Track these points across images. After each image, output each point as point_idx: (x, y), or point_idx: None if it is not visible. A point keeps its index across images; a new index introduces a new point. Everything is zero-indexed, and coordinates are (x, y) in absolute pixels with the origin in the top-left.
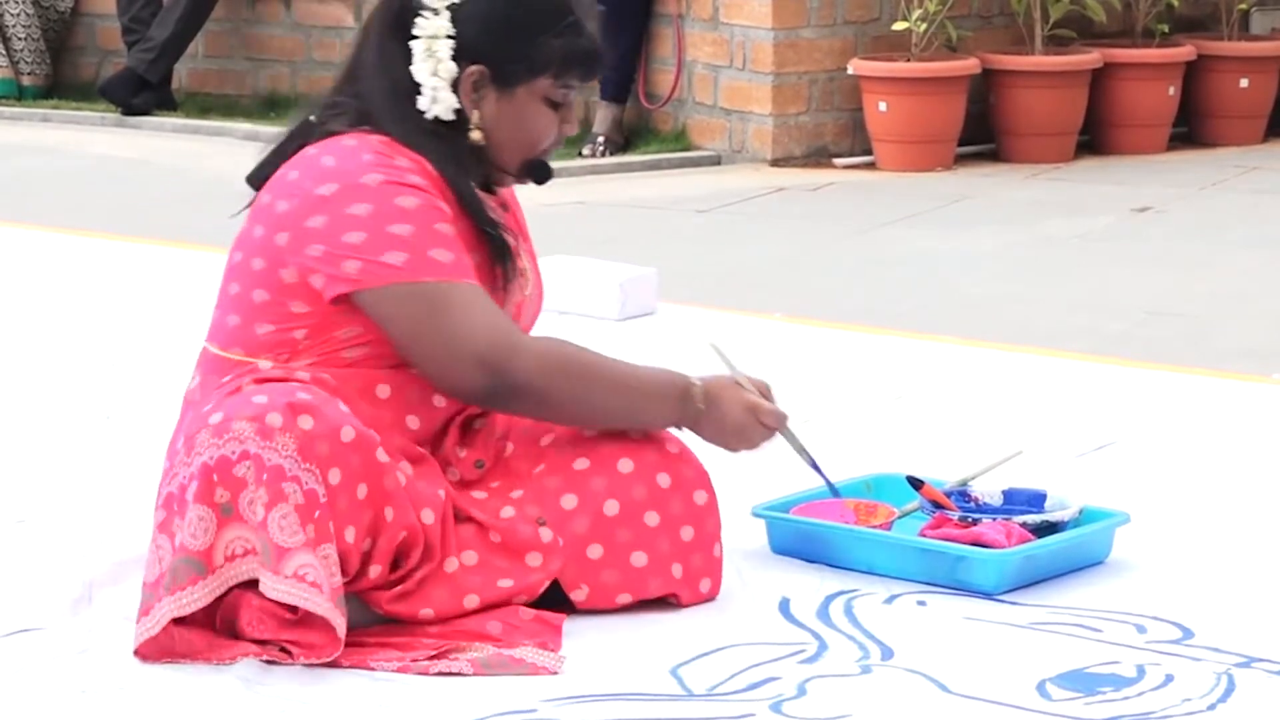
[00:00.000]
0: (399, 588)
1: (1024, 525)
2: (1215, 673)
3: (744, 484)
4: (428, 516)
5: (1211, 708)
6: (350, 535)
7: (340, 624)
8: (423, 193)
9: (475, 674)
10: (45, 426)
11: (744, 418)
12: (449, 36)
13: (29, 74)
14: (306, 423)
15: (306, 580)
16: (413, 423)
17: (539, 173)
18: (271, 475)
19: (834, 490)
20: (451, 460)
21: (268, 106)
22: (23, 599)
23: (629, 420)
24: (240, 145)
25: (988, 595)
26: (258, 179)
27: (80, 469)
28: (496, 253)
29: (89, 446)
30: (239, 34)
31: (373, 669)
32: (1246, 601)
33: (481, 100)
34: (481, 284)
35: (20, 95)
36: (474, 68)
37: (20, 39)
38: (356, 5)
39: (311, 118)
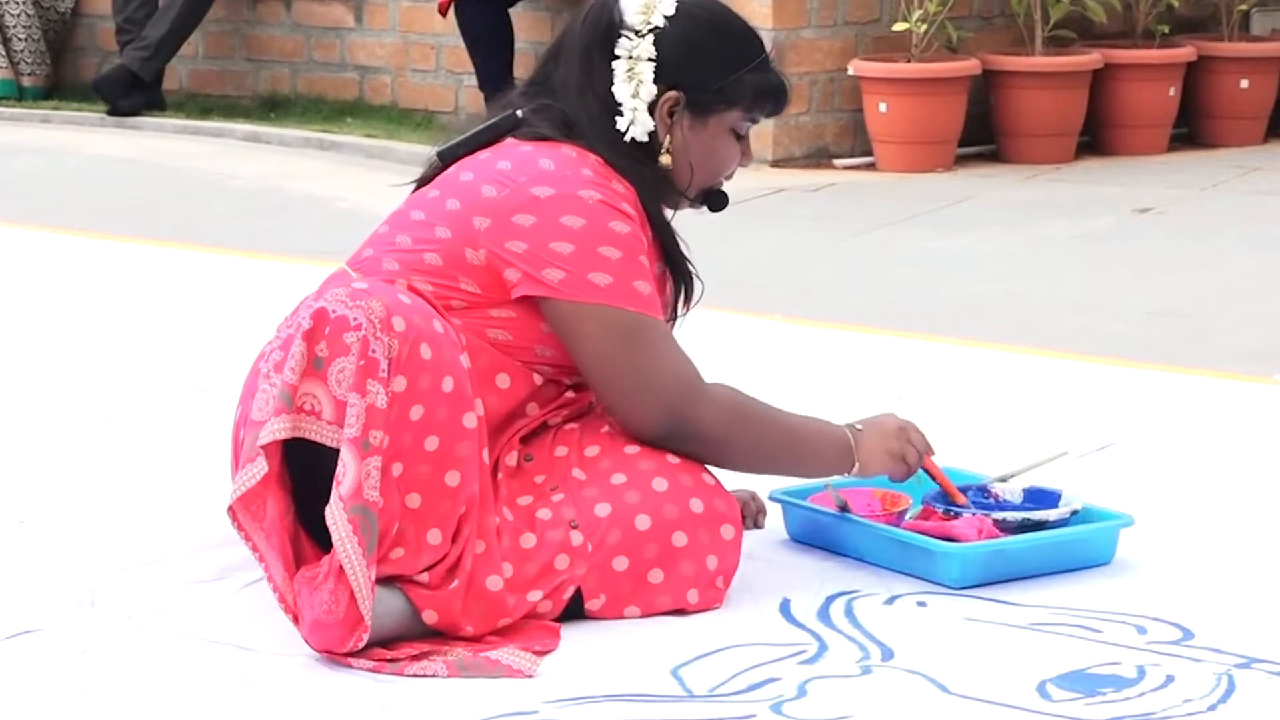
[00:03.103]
0: (452, 589)
1: (1003, 522)
2: (1215, 674)
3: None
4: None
5: (1212, 708)
6: (396, 470)
7: (343, 527)
8: (633, 222)
9: (450, 676)
10: (46, 427)
11: (898, 422)
12: (650, 59)
13: (29, 75)
14: (425, 351)
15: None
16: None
17: (715, 201)
18: (367, 365)
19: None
20: (512, 445)
21: (268, 107)
22: (24, 600)
23: (792, 468)
24: (241, 146)
25: (954, 588)
26: (451, 157)
27: (81, 470)
28: (685, 292)
29: (89, 447)
30: (239, 35)
31: (351, 666)
32: (1247, 602)
33: (674, 125)
34: None
35: (20, 96)
36: (671, 92)
37: (21, 40)
38: (356, 6)
39: (518, 112)
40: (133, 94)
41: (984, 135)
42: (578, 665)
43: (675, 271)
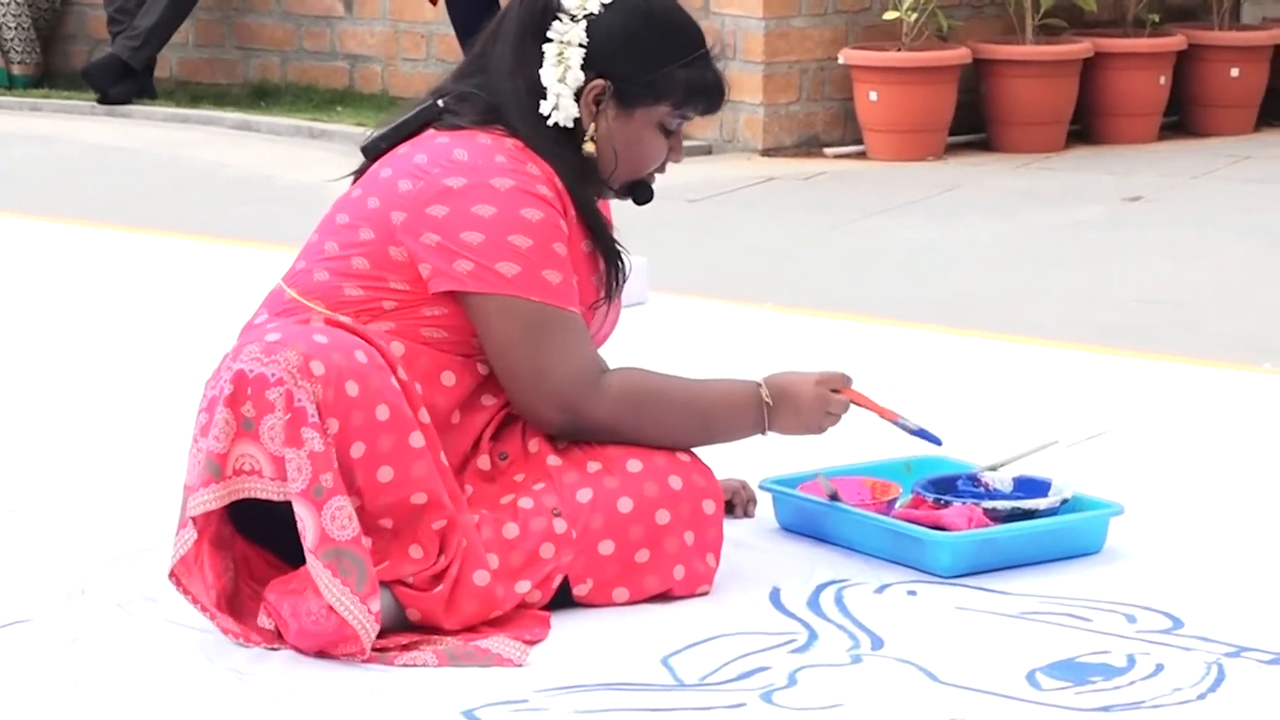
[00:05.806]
0: (436, 592)
1: (993, 511)
2: (1205, 662)
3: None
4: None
5: (1202, 697)
6: (355, 503)
7: (321, 574)
8: (548, 207)
9: (439, 665)
10: (37, 416)
11: (815, 393)
12: (581, 45)
13: (19, 63)
14: (351, 389)
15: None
16: (455, 418)
17: (640, 193)
18: (295, 416)
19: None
20: (482, 449)
21: (258, 96)
22: (14, 589)
23: (708, 439)
24: (230, 134)
25: (944, 577)
26: (373, 151)
27: (71, 458)
28: (612, 271)
29: (80, 435)
30: (229, 23)
31: (338, 658)
32: (1236, 591)
33: (599, 114)
34: (583, 301)
35: (11, 84)
36: (599, 81)
37: (10, 28)
38: None
39: (440, 102)
40: (123, 82)
41: (974, 124)
42: (568, 654)
43: (604, 251)
